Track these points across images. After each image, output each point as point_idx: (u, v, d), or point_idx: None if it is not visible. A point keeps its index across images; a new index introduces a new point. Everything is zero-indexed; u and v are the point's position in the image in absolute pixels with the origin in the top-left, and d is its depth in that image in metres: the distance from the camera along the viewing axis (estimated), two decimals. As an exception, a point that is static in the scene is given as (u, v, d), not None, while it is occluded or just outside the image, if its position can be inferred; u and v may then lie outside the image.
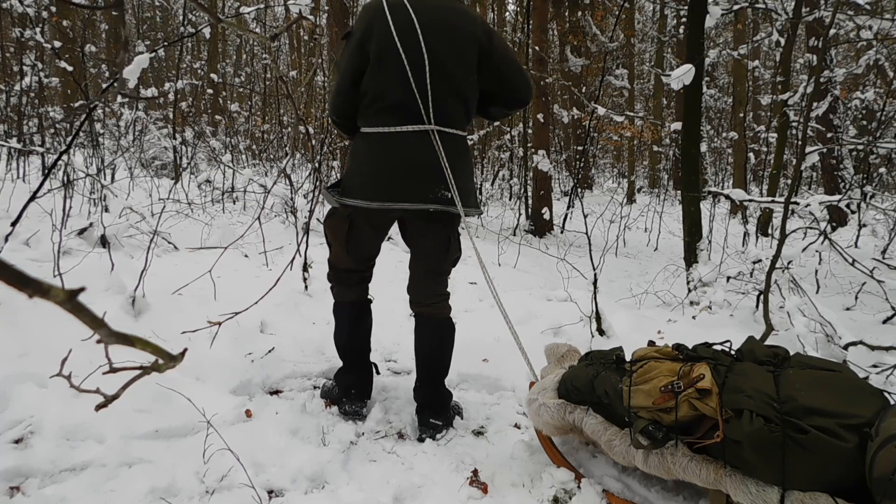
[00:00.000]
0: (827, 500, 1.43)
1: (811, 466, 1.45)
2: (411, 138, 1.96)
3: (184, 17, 8.80)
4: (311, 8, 3.06)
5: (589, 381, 1.90)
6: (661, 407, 1.66)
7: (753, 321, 3.71)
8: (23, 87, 6.26)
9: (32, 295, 0.40)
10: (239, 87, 14.80)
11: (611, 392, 1.81)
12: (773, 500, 1.48)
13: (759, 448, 1.50)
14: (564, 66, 12.05)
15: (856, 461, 1.41)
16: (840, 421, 1.45)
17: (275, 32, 1.63)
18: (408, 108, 1.94)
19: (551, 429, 1.96)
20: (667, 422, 1.66)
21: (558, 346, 2.32)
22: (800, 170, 4.13)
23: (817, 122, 8.73)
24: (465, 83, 2.00)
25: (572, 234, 7.72)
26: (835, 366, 1.67)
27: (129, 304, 2.66)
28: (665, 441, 1.64)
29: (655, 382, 1.71)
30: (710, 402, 1.60)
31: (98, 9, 0.69)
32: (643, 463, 1.72)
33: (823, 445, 1.43)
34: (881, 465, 1.35)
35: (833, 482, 1.45)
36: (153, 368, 0.58)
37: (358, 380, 2.31)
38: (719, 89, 16.25)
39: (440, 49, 1.92)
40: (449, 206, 2.01)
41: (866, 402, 1.51)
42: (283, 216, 5.64)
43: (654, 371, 1.75)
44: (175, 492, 1.77)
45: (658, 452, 1.67)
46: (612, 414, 1.81)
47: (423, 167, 1.97)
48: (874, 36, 5.99)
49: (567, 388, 1.96)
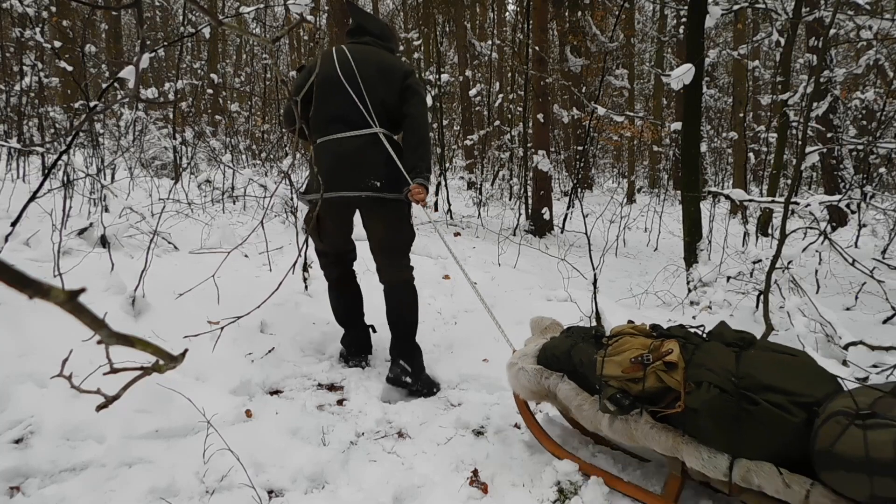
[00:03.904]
0: (771, 468, 1.53)
1: (760, 437, 1.55)
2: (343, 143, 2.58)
3: (184, 17, 8.80)
4: (310, 8, 3.06)
5: (567, 350, 2.03)
6: (630, 377, 1.78)
7: (753, 321, 3.71)
8: (23, 87, 6.26)
9: (33, 296, 0.40)
10: (239, 87, 14.80)
11: (586, 361, 1.94)
12: (723, 466, 1.59)
13: (713, 416, 1.61)
14: (564, 66, 12.05)
15: (802, 435, 1.51)
16: (792, 398, 1.55)
17: (276, 35, 1.64)
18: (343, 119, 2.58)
19: (528, 392, 2.08)
20: (634, 391, 1.77)
21: (543, 319, 2.46)
22: (800, 170, 4.13)
23: (817, 122, 8.73)
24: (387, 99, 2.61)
25: (572, 234, 7.72)
26: (795, 351, 1.76)
27: (129, 304, 2.66)
28: (630, 408, 1.76)
29: (627, 354, 1.83)
30: (676, 375, 1.71)
31: (104, 8, 0.69)
32: (608, 428, 1.83)
33: (772, 418, 1.53)
34: (822, 439, 1.44)
35: (780, 453, 1.54)
36: (153, 369, 0.58)
37: (356, 338, 2.85)
38: (719, 89, 16.24)
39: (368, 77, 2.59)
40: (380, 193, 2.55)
41: (820, 384, 1.61)
42: (283, 216, 5.64)
43: (627, 344, 1.87)
44: (175, 492, 1.77)
45: (623, 419, 1.79)
46: (585, 382, 1.94)
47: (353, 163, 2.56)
48: (874, 36, 5.99)
49: (546, 355, 2.08)
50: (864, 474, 1.35)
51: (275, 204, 5.71)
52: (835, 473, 1.41)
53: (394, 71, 2.62)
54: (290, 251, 4.24)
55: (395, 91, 2.61)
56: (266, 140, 10.87)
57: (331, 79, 2.60)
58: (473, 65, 12.93)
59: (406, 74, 2.64)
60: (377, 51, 2.71)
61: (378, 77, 2.60)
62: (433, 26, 12.05)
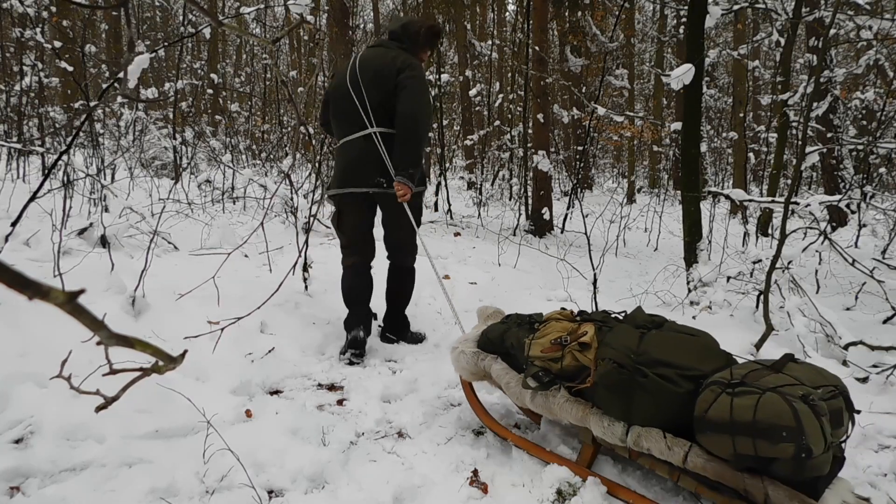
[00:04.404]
0: (657, 433, 1.73)
1: (649, 405, 1.75)
2: (354, 143, 2.87)
3: (184, 17, 8.80)
4: (310, 8, 3.09)
5: (500, 334, 2.23)
6: (551, 356, 1.98)
7: (753, 321, 3.71)
8: (23, 87, 6.26)
9: (32, 297, 0.40)
10: (239, 87, 14.79)
11: (516, 344, 2.14)
12: (619, 432, 1.80)
13: (609, 388, 1.83)
14: (564, 66, 12.04)
15: (687, 404, 1.69)
16: (680, 372, 1.74)
17: (276, 36, 1.65)
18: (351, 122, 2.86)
19: (467, 373, 2.29)
20: (554, 370, 1.98)
21: (487, 308, 2.66)
22: (800, 170, 4.12)
23: (817, 122, 8.73)
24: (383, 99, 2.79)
25: (572, 234, 7.71)
26: (697, 332, 1.95)
27: (129, 304, 2.66)
28: (549, 385, 1.97)
29: (549, 337, 2.04)
30: (589, 354, 1.93)
31: (100, 8, 0.69)
32: (531, 402, 2.02)
33: (660, 389, 1.73)
34: (699, 406, 1.64)
35: (669, 421, 1.74)
36: (153, 370, 0.58)
37: (356, 315, 2.99)
38: (719, 89, 16.23)
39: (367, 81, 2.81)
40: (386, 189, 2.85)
41: (711, 360, 1.80)
42: (283, 216, 5.64)
43: (551, 328, 2.08)
44: (175, 492, 1.77)
45: (543, 394, 1.99)
46: (515, 362, 2.14)
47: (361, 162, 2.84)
48: (874, 36, 5.99)
49: (483, 340, 2.30)
50: (727, 435, 1.55)
51: (275, 204, 5.71)
52: (707, 435, 1.61)
53: (387, 70, 2.76)
54: (290, 251, 4.24)
55: (388, 90, 2.76)
56: (266, 140, 10.86)
57: (341, 85, 2.88)
58: (473, 65, 12.93)
59: (399, 71, 2.74)
60: (384, 52, 2.86)
61: (374, 79, 2.79)
62: (433, 26, 12.02)
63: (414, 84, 2.73)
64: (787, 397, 1.51)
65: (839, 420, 1.58)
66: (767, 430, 1.49)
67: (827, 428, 1.50)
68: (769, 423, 1.49)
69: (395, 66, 2.75)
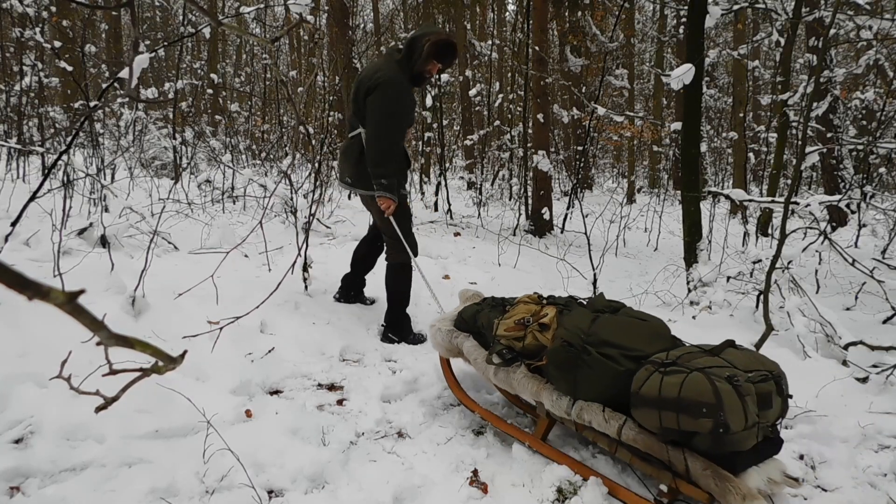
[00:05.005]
0: (597, 407, 1.89)
1: (592, 381, 1.90)
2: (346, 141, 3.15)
3: (184, 17, 8.80)
4: (310, 8, 3.09)
5: (473, 315, 2.43)
6: (514, 336, 2.16)
7: (753, 321, 3.71)
8: (23, 87, 6.26)
9: (32, 297, 0.40)
10: (239, 87, 14.79)
11: (486, 324, 2.33)
12: (565, 406, 1.96)
13: (556, 364, 2.00)
14: (564, 66, 12.04)
15: (626, 382, 1.82)
16: (624, 352, 1.88)
17: (276, 36, 1.65)
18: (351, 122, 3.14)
19: (443, 349, 2.48)
20: (517, 348, 2.15)
21: (467, 291, 2.89)
22: (800, 170, 4.12)
23: (817, 122, 8.72)
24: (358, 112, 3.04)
25: (572, 234, 7.71)
26: (649, 317, 2.10)
27: (129, 304, 2.66)
28: (511, 362, 2.14)
29: (515, 317, 2.21)
30: (548, 334, 2.08)
31: (100, 8, 0.69)
32: (494, 377, 2.20)
33: (602, 367, 1.88)
34: (634, 383, 1.78)
35: (609, 396, 1.88)
36: (153, 370, 0.58)
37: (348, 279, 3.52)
38: (719, 89, 16.22)
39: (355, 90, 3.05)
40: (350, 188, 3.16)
41: (656, 343, 1.94)
42: (283, 216, 5.63)
43: (517, 310, 2.25)
44: (175, 492, 1.77)
45: (504, 370, 2.15)
46: (484, 340, 2.33)
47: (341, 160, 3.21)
48: (874, 36, 5.99)
49: (459, 319, 2.50)
50: (655, 409, 1.69)
51: (274, 204, 5.71)
52: (639, 410, 1.75)
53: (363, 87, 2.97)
54: (289, 251, 4.23)
55: (360, 106, 3.00)
56: (266, 140, 10.86)
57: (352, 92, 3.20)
58: (473, 65, 12.93)
59: (368, 91, 2.94)
60: (378, 64, 3.06)
61: (356, 90, 3.03)
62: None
63: (374, 108, 2.91)
64: (711, 377, 1.64)
65: (767, 402, 1.68)
66: (690, 405, 1.62)
67: (750, 407, 1.62)
68: (691, 400, 1.62)
69: (368, 85, 2.94)
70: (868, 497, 1.95)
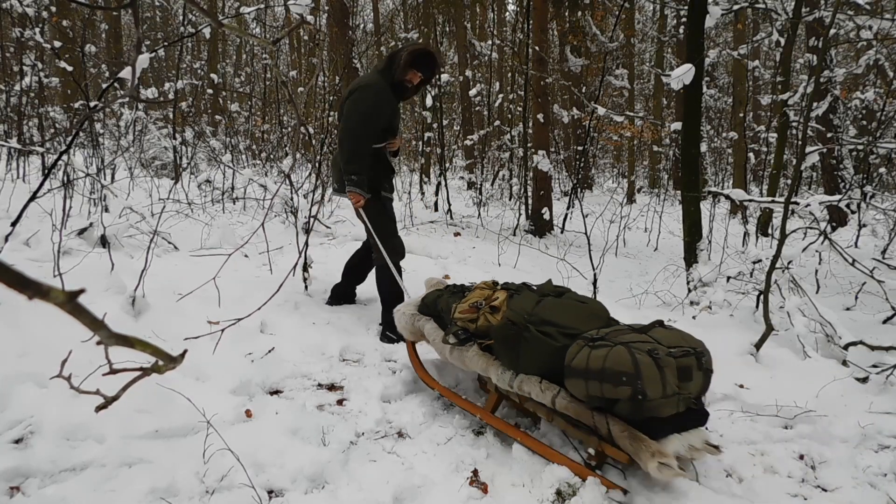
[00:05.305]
0: (536, 380, 2.07)
1: (531, 357, 2.09)
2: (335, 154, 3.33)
3: (184, 17, 8.80)
4: (310, 9, 3.10)
5: (434, 299, 2.63)
6: (469, 318, 2.36)
7: (753, 321, 3.71)
8: (23, 87, 6.26)
9: (32, 296, 0.40)
10: (239, 87, 14.79)
11: (445, 308, 2.53)
12: (508, 379, 2.14)
13: (500, 341, 2.21)
14: (564, 66, 12.04)
15: (561, 357, 1.98)
16: (561, 330, 2.06)
17: (276, 37, 1.65)
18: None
19: (406, 332, 2.68)
20: (471, 329, 2.35)
21: (433, 279, 3.10)
22: (800, 170, 4.12)
23: (817, 122, 8.72)
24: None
25: (572, 234, 7.71)
26: (589, 300, 2.30)
27: (129, 304, 2.66)
28: (465, 342, 2.33)
29: (469, 301, 2.40)
30: (498, 316, 2.26)
31: (101, 8, 0.69)
32: (450, 356, 2.38)
33: (539, 343, 2.06)
34: (567, 357, 1.96)
35: (548, 369, 2.05)
36: (153, 370, 0.58)
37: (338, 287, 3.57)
38: (719, 89, 16.21)
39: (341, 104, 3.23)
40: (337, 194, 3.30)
41: (591, 322, 2.11)
42: (283, 216, 5.64)
43: (474, 294, 2.45)
44: (175, 492, 1.77)
45: (459, 349, 2.34)
46: (443, 323, 2.52)
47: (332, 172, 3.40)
48: (874, 36, 5.99)
49: (422, 304, 2.70)
50: (583, 379, 1.87)
51: (275, 204, 5.71)
52: (570, 380, 1.93)
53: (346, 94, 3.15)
54: (290, 251, 4.23)
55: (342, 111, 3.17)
56: (266, 140, 10.86)
57: None
58: (473, 65, 12.93)
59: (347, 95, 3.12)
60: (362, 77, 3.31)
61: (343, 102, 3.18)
62: (433, 26, 12.05)
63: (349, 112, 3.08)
64: (632, 350, 1.81)
65: (687, 375, 1.85)
66: (611, 375, 1.80)
67: (669, 378, 1.79)
68: (613, 370, 1.79)
69: (349, 91, 3.13)
70: (868, 497, 1.95)
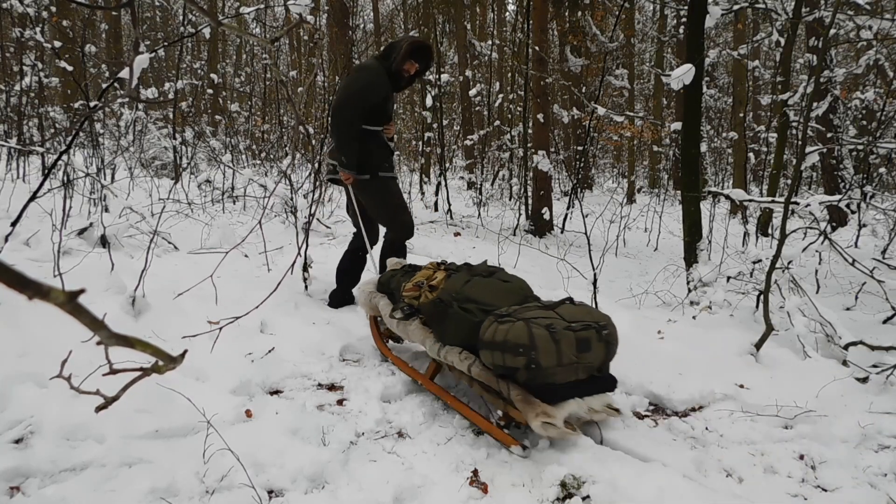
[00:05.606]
0: (456, 350, 2.32)
1: (454, 330, 2.35)
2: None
3: (184, 17, 8.80)
4: (310, 8, 3.12)
5: (388, 279, 2.96)
6: (413, 295, 2.64)
7: (753, 321, 3.71)
8: (23, 87, 6.26)
9: (32, 297, 0.40)
10: (239, 87, 14.79)
11: (396, 286, 2.84)
12: (436, 349, 2.40)
13: (429, 316, 2.52)
14: (564, 66, 12.04)
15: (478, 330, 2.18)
16: (481, 306, 2.31)
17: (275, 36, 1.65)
18: None
19: (365, 307, 3.02)
20: (415, 305, 2.63)
21: (393, 259, 3.38)
22: (800, 170, 4.12)
23: (817, 122, 8.72)
24: None
25: (572, 234, 7.71)
26: (514, 279, 2.54)
27: (129, 304, 2.66)
28: (409, 317, 2.62)
29: (415, 280, 2.67)
30: (436, 294, 2.52)
31: (100, 8, 0.69)
32: (397, 328, 2.66)
33: (460, 318, 2.32)
34: (481, 331, 2.17)
35: (468, 341, 2.28)
36: (153, 370, 0.58)
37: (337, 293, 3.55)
38: (719, 89, 16.21)
39: None
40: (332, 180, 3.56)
41: (509, 299, 2.35)
42: (283, 216, 5.64)
43: (420, 274, 2.72)
44: (175, 492, 1.77)
45: (404, 322, 2.63)
46: (395, 299, 2.82)
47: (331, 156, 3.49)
48: (874, 36, 5.99)
49: (379, 283, 3.03)
50: (489, 350, 2.10)
51: (274, 204, 5.71)
52: (482, 351, 2.16)
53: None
54: (289, 251, 4.23)
55: None
56: (266, 140, 10.86)
57: None
58: (473, 65, 12.93)
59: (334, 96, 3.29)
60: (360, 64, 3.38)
61: None
62: (433, 26, 12.05)
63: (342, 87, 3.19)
64: (530, 324, 2.05)
65: (586, 346, 2.10)
66: (511, 346, 2.03)
67: (565, 350, 2.03)
68: (512, 342, 2.03)
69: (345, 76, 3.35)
70: (868, 497, 1.95)
